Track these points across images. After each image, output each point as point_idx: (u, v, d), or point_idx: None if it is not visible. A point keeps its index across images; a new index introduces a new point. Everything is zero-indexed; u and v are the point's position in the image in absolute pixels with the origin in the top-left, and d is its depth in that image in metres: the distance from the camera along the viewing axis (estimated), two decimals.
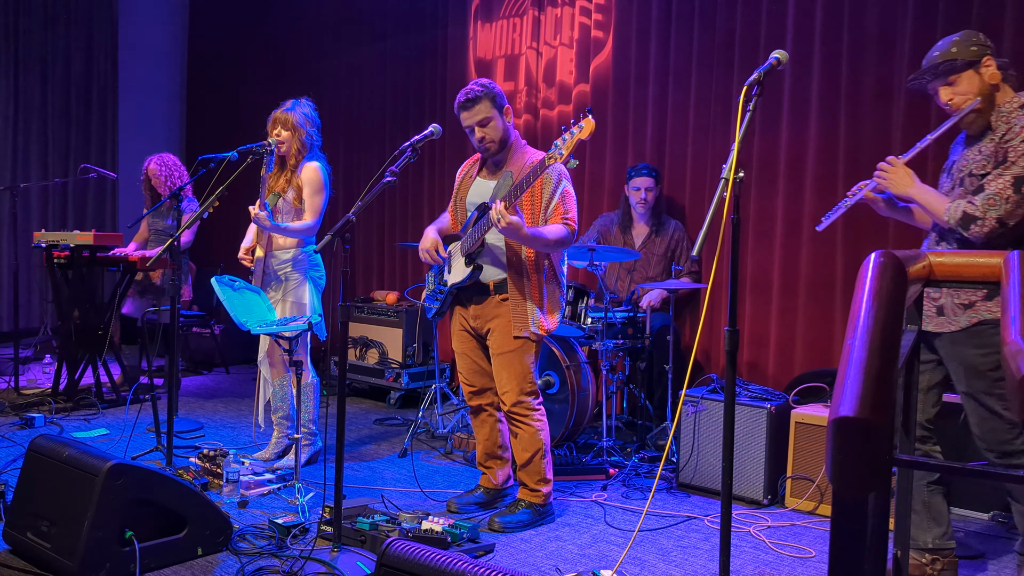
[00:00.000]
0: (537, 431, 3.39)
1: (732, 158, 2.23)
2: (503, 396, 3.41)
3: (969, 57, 2.67)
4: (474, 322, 3.48)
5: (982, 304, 2.65)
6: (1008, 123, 2.64)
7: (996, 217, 2.57)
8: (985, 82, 2.67)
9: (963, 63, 2.67)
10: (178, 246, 3.77)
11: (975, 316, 2.66)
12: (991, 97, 2.68)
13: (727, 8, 4.83)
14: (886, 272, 1.22)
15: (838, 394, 1.00)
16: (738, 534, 3.33)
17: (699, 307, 4.96)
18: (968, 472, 1.29)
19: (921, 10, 4.14)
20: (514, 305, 3.34)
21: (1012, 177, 2.56)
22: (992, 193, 2.58)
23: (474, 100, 3.35)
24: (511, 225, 3.09)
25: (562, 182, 3.36)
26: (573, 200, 3.38)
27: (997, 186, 2.58)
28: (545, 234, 3.25)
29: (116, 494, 2.68)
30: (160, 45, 8.66)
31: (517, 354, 3.36)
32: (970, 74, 2.68)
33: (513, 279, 3.34)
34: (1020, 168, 2.56)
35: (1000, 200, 2.56)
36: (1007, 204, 2.56)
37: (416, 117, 6.56)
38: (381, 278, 6.92)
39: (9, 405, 5.02)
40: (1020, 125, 2.60)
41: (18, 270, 5.92)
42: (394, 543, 2.20)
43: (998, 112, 2.67)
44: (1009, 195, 2.56)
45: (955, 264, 1.63)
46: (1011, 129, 2.62)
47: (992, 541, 3.34)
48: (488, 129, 3.37)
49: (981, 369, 2.67)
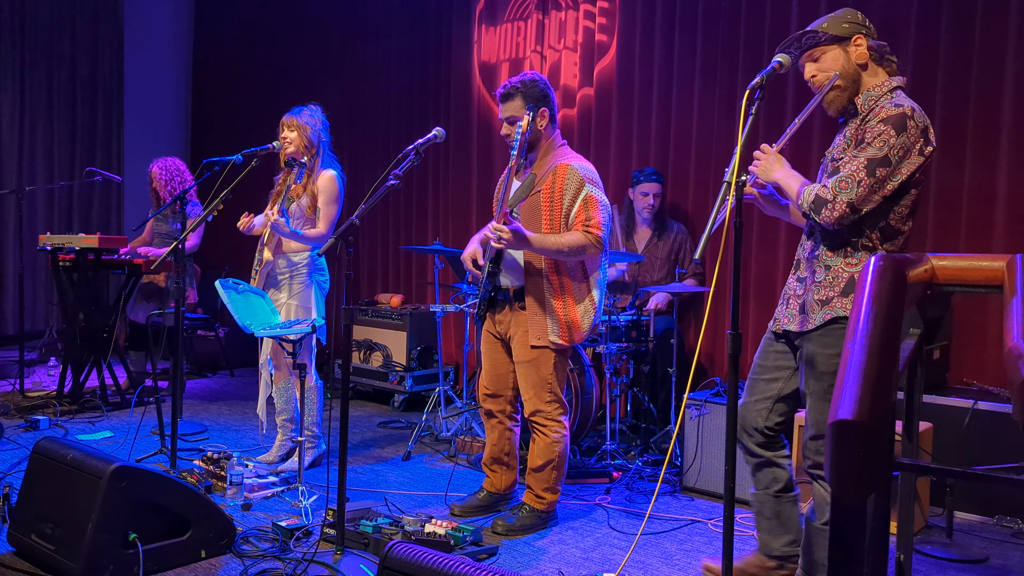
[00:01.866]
0: (554, 442, 3.33)
1: (735, 161, 2.23)
2: (524, 403, 3.38)
3: (837, 32, 2.48)
4: (498, 327, 3.44)
5: (838, 300, 2.47)
6: (874, 105, 2.46)
7: (847, 201, 2.37)
8: (851, 61, 2.48)
9: (828, 37, 2.48)
10: (182, 249, 3.78)
11: (830, 313, 2.48)
12: (856, 77, 2.50)
13: (731, 11, 4.84)
14: (886, 276, 1.22)
15: (837, 397, 1.01)
16: (741, 538, 3.32)
17: (702, 310, 4.96)
18: (971, 476, 1.29)
19: (924, 13, 4.14)
20: (531, 314, 3.27)
21: (866, 159, 2.37)
22: (844, 175, 2.39)
23: (509, 95, 3.28)
24: (512, 237, 3.04)
25: (585, 186, 3.21)
26: (599, 206, 3.21)
27: (850, 168, 2.39)
28: (558, 243, 3.13)
29: (120, 496, 2.69)
30: (165, 48, 8.69)
31: (534, 364, 3.31)
32: (836, 51, 2.49)
33: (531, 287, 3.27)
34: (875, 150, 2.37)
35: (852, 183, 2.37)
36: (859, 187, 2.36)
37: (420, 121, 6.57)
38: (385, 281, 6.93)
39: (14, 407, 5.04)
40: (883, 107, 2.42)
41: (24, 273, 5.94)
42: (397, 546, 2.20)
43: (867, 95, 2.49)
44: (862, 178, 2.37)
45: (957, 268, 1.63)
46: (873, 110, 2.44)
47: (996, 545, 3.33)
48: (514, 129, 3.19)
49: (820, 370, 2.50)
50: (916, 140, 2.39)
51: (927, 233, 4.15)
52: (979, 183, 4.02)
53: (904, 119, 2.37)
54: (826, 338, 2.49)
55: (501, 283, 3.36)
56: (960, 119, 4.06)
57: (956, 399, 3.66)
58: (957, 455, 3.56)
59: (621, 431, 4.66)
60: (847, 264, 2.49)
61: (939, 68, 4.11)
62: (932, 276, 1.62)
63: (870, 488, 0.98)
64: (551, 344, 3.27)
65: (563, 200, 3.23)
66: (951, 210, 4.10)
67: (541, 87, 3.28)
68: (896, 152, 2.37)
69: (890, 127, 2.37)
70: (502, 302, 3.39)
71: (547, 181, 3.26)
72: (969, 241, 4.04)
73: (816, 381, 2.51)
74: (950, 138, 4.08)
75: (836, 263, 2.50)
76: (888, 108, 2.40)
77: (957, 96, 4.06)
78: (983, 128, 4.00)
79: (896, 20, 4.24)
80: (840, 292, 2.48)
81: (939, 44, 4.11)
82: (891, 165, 2.37)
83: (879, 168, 2.37)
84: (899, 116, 2.37)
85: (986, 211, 4.00)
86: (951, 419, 3.61)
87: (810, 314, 2.53)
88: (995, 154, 3.97)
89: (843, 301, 2.47)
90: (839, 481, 0.97)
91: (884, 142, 2.37)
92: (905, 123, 2.37)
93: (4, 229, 7.48)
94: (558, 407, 3.35)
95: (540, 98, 3.27)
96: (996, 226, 3.97)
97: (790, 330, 2.61)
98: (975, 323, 4.02)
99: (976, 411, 3.58)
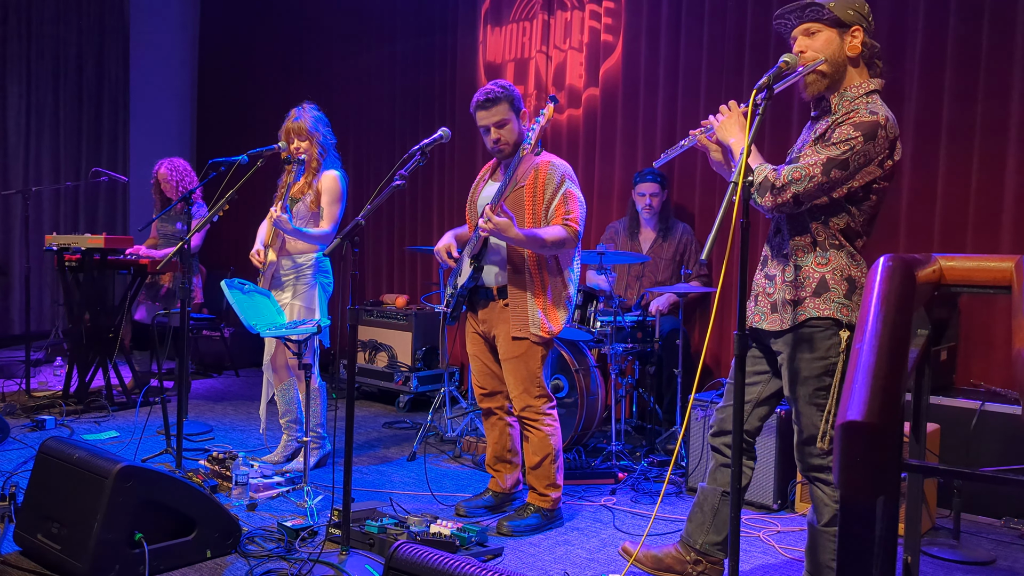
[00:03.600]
0: (547, 436, 3.37)
1: (741, 162, 2.22)
2: (513, 400, 3.41)
3: (841, 16, 2.41)
4: (482, 326, 3.49)
5: (811, 300, 2.45)
6: (849, 108, 2.41)
7: (794, 192, 2.35)
8: (843, 50, 2.42)
9: (831, 17, 2.41)
10: (188, 249, 3.79)
11: (803, 313, 2.45)
12: (843, 68, 2.44)
13: (737, 10, 4.83)
14: (895, 276, 1.21)
15: (846, 398, 1.00)
16: (747, 539, 3.31)
17: (708, 311, 4.95)
18: (979, 477, 1.28)
19: (931, 14, 4.13)
20: (514, 306, 3.34)
21: (826, 157, 2.34)
22: (800, 167, 2.36)
23: (493, 101, 3.33)
24: (497, 227, 3.10)
25: (565, 182, 3.34)
26: (577, 201, 3.34)
27: (808, 161, 2.36)
28: (540, 235, 3.21)
29: (126, 496, 2.69)
30: (171, 49, 8.71)
31: (522, 359, 3.35)
32: (832, 34, 2.42)
33: (514, 280, 3.34)
34: (838, 151, 2.33)
35: (805, 176, 2.34)
36: (809, 182, 2.34)
37: (425, 120, 6.58)
38: (391, 281, 6.93)
39: (20, 407, 5.04)
40: (858, 111, 2.38)
41: (30, 273, 5.95)
42: (402, 546, 2.20)
43: (842, 95, 2.44)
44: (816, 174, 2.34)
45: (966, 268, 1.62)
46: (847, 113, 2.39)
47: (1003, 547, 3.31)
48: (504, 131, 3.35)
49: (804, 375, 2.47)
50: (881, 151, 2.37)
51: (934, 233, 4.14)
52: (987, 182, 4.00)
53: (876, 128, 2.35)
54: (805, 342, 2.47)
55: (484, 282, 3.40)
56: (968, 117, 4.04)
57: (963, 400, 3.64)
58: (964, 456, 3.55)
59: (626, 432, 4.65)
60: (817, 264, 2.47)
61: (947, 66, 4.09)
62: (940, 277, 1.62)
63: (879, 490, 0.97)
64: (533, 336, 3.32)
65: (544, 195, 3.34)
66: (958, 209, 4.08)
67: (516, 91, 3.42)
68: (857, 159, 2.35)
69: (860, 133, 2.35)
70: (484, 300, 3.43)
71: (530, 177, 3.35)
72: (976, 241, 4.03)
73: (801, 386, 2.49)
74: (957, 137, 4.07)
75: (806, 263, 2.49)
76: (863, 114, 2.38)
77: (965, 94, 4.05)
78: (991, 127, 3.98)
79: (904, 17, 4.22)
80: (812, 293, 2.46)
81: (946, 41, 4.09)
82: (848, 170, 2.35)
83: (835, 170, 2.35)
84: (872, 124, 2.35)
85: (993, 210, 3.98)
86: (958, 420, 3.60)
87: (782, 313, 2.51)
88: (1003, 153, 3.96)
89: (815, 302, 2.45)
90: (848, 483, 0.96)
91: (850, 146, 2.34)
92: (876, 132, 2.35)
93: (10, 229, 7.50)
94: (546, 400, 3.40)
95: (520, 100, 3.41)
96: (1004, 226, 3.95)
97: (761, 328, 2.59)
98: (982, 324, 4.01)
99: (983, 412, 3.57)
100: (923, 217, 4.17)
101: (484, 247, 3.37)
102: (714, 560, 2.78)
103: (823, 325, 2.44)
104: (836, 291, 2.44)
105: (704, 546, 2.78)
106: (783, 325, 2.51)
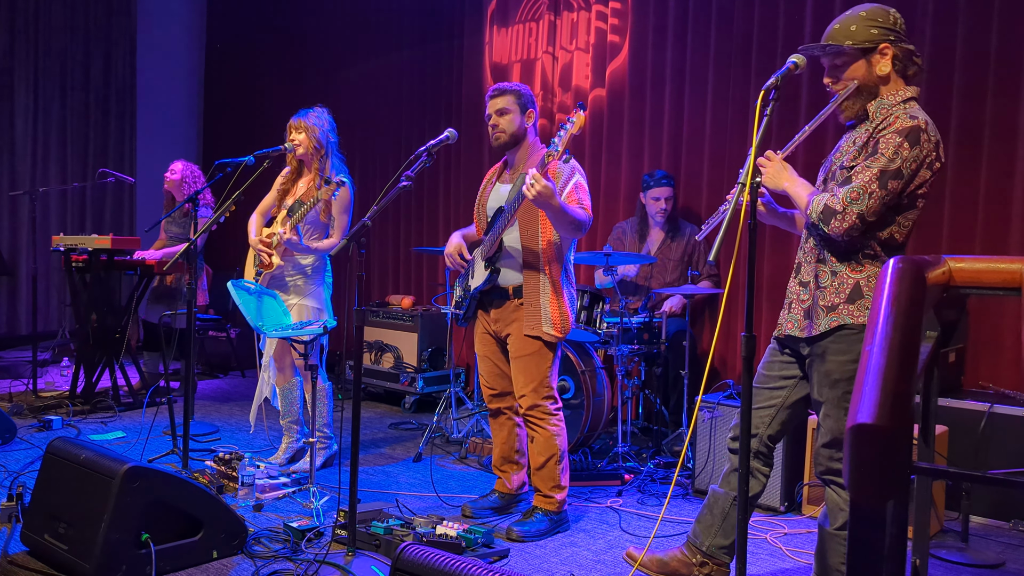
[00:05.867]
0: (553, 436, 3.37)
1: (749, 163, 2.21)
2: (520, 399, 3.40)
3: (864, 42, 2.42)
4: (494, 326, 3.48)
5: (844, 307, 2.45)
6: (887, 114, 2.42)
7: (858, 212, 2.35)
8: (873, 73, 2.44)
9: (853, 51, 2.43)
10: (195, 250, 3.79)
11: (836, 320, 2.45)
12: (875, 87, 2.45)
13: (744, 10, 4.82)
14: (905, 278, 1.20)
15: (856, 401, 0.99)
16: (755, 541, 3.30)
17: (716, 312, 4.94)
18: (988, 480, 1.27)
19: (940, 10, 4.12)
20: (528, 304, 3.34)
21: (878, 170, 2.34)
22: (856, 186, 2.36)
23: (501, 91, 3.44)
24: (544, 191, 3.02)
25: (575, 175, 3.37)
26: (586, 192, 3.38)
27: (863, 179, 2.36)
28: (570, 211, 3.19)
29: (132, 497, 2.69)
30: (178, 51, 8.73)
31: (533, 358, 3.35)
32: (860, 63, 2.44)
33: (529, 280, 3.34)
34: (887, 161, 2.33)
35: (864, 194, 2.34)
36: (870, 199, 2.34)
37: (432, 121, 6.58)
38: (396, 282, 6.94)
39: (27, 408, 5.06)
40: (897, 116, 2.38)
41: (37, 273, 5.97)
42: (408, 547, 2.19)
43: (879, 103, 2.45)
44: (874, 189, 2.33)
45: (975, 270, 1.61)
46: (886, 119, 2.40)
47: (1012, 550, 3.30)
48: (503, 120, 3.41)
49: (835, 377, 2.47)
50: (928, 154, 2.37)
51: (942, 234, 4.12)
52: (995, 183, 3.98)
53: (919, 132, 2.35)
54: (838, 344, 2.46)
55: (500, 283, 3.40)
56: (977, 119, 4.03)
57: (972, 402, 3.63)
58: (972, 459, 3.53)
59: (633, 433, 4.64)
60: (852, 271, 2.46)
61: (956, 67, 4.08)
62: (949, 278, 1.61)
63: (889, 493, 0.97)
64: (546, 335, 3.31)
65: (556, 185, 3.30)
66: (967, 211, 4.07)
67: (528, 92, 3.50)
68: (909, 165, 2.35)
69: (904, 139, 2.34)
70: (498, 300, 3.43)
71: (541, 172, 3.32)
72: (985, 242, 4.01)
73: (831, 388, 2.48)
74: (966, 138, 4.05)
75: (841, 269, 2.48)
76: (903, 119, 2.37)
77: (974, 95, 4.03)
78: (1000, 128, 3.97)
79: (912, 18, 4.21)
80: (846, 299, 2.45)
81: (955, 42, 4.08)
82: (903, 178, 2.35)
83: (891, 180, 2.34)
84: (914, 129, 2.35)
85: (1002, 212, 3.97)
86: (967, 423, 3.59)
87: (815, 320, 2.50)
88: (1012, 154, 3.94)
89: (849, 308, 2.44)
90: (858, 486, 0.96)
91: (897, 154, 2.34)
92: (919, 136, 2.35)
93: (18, 230, 7.53)
94: (554, 401, 3.40)
95: (530, 102, 3.47)
96: (1012, 227, 3.94)
97: (794, 335, 2.58)
98: (991, 326, 3.99)
99: (992, 414, 3.55)
100: (932, 218, 4.15)
101: (499, 249, 3.36)
102: (720, 563, 2.77)
103: (856, 330, 2.44)
104: (870, 298, 2.42)
105: (711, 548, 2.77)
106: (816, 331, 2.50)
